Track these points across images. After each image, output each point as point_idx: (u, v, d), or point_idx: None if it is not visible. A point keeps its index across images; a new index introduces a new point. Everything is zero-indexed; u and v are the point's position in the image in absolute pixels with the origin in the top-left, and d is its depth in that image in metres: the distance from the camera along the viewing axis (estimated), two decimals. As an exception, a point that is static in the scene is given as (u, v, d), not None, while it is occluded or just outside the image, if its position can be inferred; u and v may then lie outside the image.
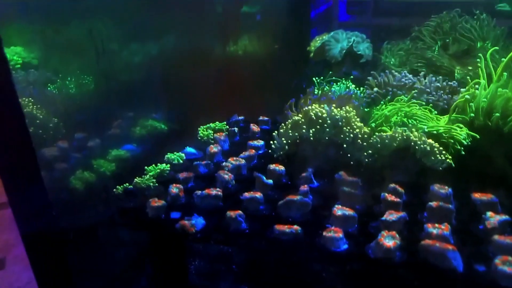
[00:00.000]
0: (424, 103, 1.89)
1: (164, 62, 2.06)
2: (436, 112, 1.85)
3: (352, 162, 1.66)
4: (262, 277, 1.26)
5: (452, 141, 1.62)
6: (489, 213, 1.35)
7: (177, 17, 2.05)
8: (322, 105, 1.74)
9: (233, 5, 2.51)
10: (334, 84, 2.22)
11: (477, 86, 1.73)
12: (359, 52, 2.72)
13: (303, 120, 1.72)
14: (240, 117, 2.15)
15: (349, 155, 1.67)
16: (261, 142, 1.85)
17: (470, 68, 2.47)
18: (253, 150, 1.77)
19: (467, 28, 2.50)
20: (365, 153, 1.64)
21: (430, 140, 1.63)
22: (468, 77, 2.15)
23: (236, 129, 1.99)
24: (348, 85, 2.17)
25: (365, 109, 1.94)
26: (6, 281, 1.92)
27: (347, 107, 1.75)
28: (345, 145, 1.67)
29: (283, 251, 1.27)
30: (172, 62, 2.08)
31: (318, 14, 3.51)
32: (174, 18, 2.03)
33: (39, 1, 1.52)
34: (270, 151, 1.75)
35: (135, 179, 1.56)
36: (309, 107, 1.73)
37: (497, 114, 1.61)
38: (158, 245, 1.39)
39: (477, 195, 1.46)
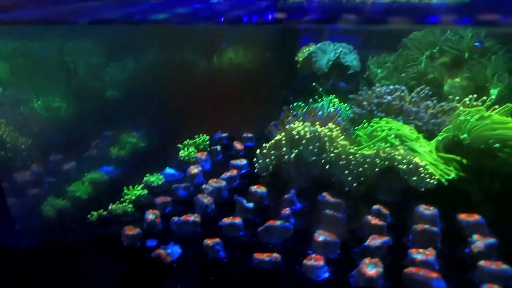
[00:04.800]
0: (412, 125, 1.87)
1: (144, 79, 2.03)
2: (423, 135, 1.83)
3: (336, 183, 1.64)
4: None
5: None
6: (475, 236, 1.33)
7: (158, 33, 2.03)
8: (305, 124, 1.72)
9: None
10: (319, 100, 2.21)
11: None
12: (347, 64, 2.72)
13: (285, 139, 1.69)
14: (224, 134, 2.12)
15: (333, 175, 1.65)
16: (243, 161, 1.82)
17: (458, 80, 2.48)
18: (235, 170, 1.75)
19: (454, 40, 2.51)
20: (349, 173, 1.62)
21: (416, 159, 1.62)
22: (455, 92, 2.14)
23: (218, 147, 1.96)
24: (332, 100, 2.17)
25: (351, 128, 1.93)
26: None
27: (331, 125, 1.73)
28: (328, 165, 1.64)
29: (263, 281, 1.24)
30: (152, 78, 2.06)
31: None
32: (155, 33, 2.02)
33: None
34: (254, 170, 1.72)
35: (111, 205, 1.52)
36: (292, 125, 1.71)
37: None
38: (132, 275, 1.35)
39: (463, 216, 1.44)
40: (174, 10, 1.85)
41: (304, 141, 1.66)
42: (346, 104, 2.13)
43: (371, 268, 1.19)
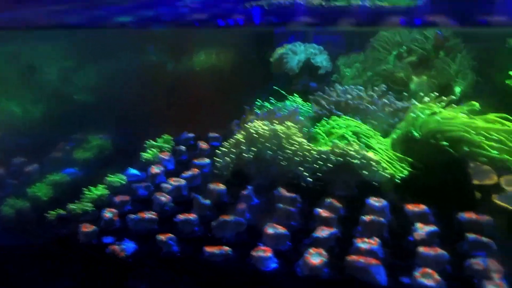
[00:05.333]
0: (370, 123, 1.94)
1: (111, 82, 2.07)
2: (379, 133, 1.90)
3: (294, 179, 1.70)
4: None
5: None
6: (418, 225, 1.40)
7: (121, 35, 2.07)
8: (264, 122, 1.78)
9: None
10: (286, 100, 2.27)
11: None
12: (317, 64, 2.79)
13: (244, 138, 1.75)
14: (190, 135, 2.17)
15: (291, 171, 1.70)
16: (206, 161, 1.87)
17: (424, 78, 2.56)
18: (197, 169, 1.79)
19: (420, 40, 2.59)
20: (306, 169, 1.68)
21: (369, 154, 1.68)
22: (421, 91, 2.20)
23: (183, 147, 2.00)
24: (295, 100, 2.23)
25: (311, 125, 1.99)
26: None
27: (289, 123, 1.79)
28: (286, 162, 1.70)
29: (213, 273, 1.29)
30: (119, 81, 2.10)
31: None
32: (118, 36, 2.06)
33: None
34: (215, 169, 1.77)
35: (70, 205, 1.55)
36: (251, 124, 1.77)
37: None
38: (87, 270, 1.38)
39: (409, 207, 1.50)
40: (140, 12, 1.90)
41: (262, 139, 1.72)
42: (308, 104, 2.19)
43: (315, 258, 1.25)
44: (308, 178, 1.66)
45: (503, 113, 1.66)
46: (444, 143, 1.65)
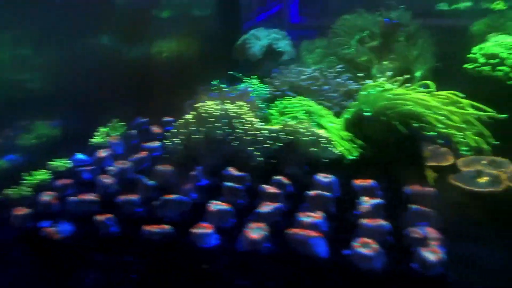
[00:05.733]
0: (323, 103, 1.93)
1: (59, 66, 1.99)
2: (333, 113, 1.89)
3: (245, 158, 1.67)
4: (127, 278, 1.22)
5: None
6: (364, 198, 1.39)
7: (74, 15, 1.99)
8: (215, 102, 1.75)
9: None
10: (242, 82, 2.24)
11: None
12: (279, 49, 2.77)
13: (194, 118, 1.71)
14: (144, 119, 2.12)
15: (242, 151, 1.68)
16: (156, 144, 1.82)
17: (386, 62, 2.57)
18: (145, 152, 1.75)
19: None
20: (257, 148, 1.66)
21: (318, 131, 1.68)
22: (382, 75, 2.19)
23: (135, 131, 1.95)
24: (253, 82, 2.20)
25: (265, 106, 1.97)
26: None
27: (240, 103, 1.76)
28: (237, 141, 1.67)
29: (152, 251, 1.25)
30: (68, 64, 2.02)
31: (269, 16, 3.57)
32: (71, 15, 1.98)
33: None
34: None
35: (6, 190, 1.48)
36: (201, 104, 1.73)
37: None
38: (21, 253, 1.33)
39: (357, 182, 1.50)
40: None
41: (212, 119, 1.68)
42: (265, 86, 2.17)
43: (255, 232, 1.22)
44: (259, 158, 1.64)
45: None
46: (395, 120, 1.66)
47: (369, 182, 1.48)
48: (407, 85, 1.83)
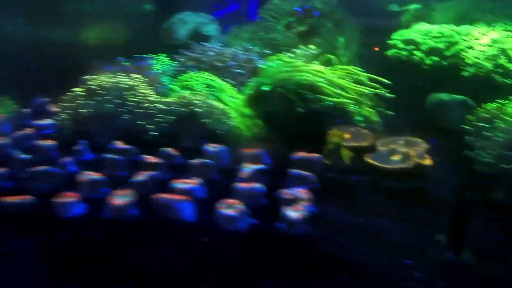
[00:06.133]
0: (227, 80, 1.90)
1: None
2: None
3: (138, 132, 1.61)
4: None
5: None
6: (246, 164, 1.37)
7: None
8: (108, 75, 1.68)
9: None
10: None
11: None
12: (206, 33, 2.73)
13: (83, 91, 1.63)
14: (44, 99, 2.00)
15: (136, 124, 1.62)
16: (48, 121, 1.73)
17: (312, 47, 2.58)
18: (31, 130, 1.65)
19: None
20: (150, 121, 1.60)
21: (214, 103, 1.65)
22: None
23: (28, 110, 1.84)
24: (161, 59, 2.14)
25: (170, 81, 1.92)
26: None
27: (135, 75, 1.70)
28: (130, 115, 1.61)
29: (13, 222, 1.17)
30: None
31: (229, 13, 3.52)
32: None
33: None
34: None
35: None
36: (91, 77, 1.66)
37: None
38: None
39: (245, 150, 1.48)
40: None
41: (103, 92, 1.61)
42: (174, 62, 2.12)
43: (119, 199, 1.17)
44: (153, 131, 1.59)
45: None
46: (292, 92, 1.67)
47: (255, 150, 1.47)
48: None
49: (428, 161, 1.42)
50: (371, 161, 1.47)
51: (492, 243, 1.16)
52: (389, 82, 1.74)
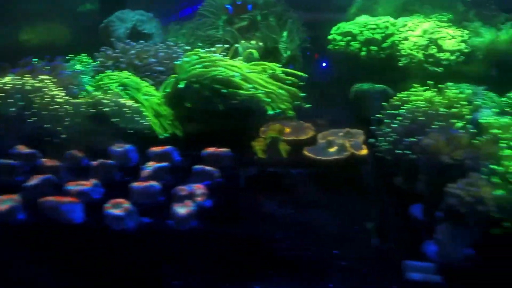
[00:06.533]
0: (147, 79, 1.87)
1: None
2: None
3: (46, 135, 1.56)
4: None
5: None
6: (149, 163, 1.36)
7: None
8: (13, 77, 1.62)
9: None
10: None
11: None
12: (145, 31, 2.67)
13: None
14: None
15: (42, 128, 1.57)
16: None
17: (252, 42, 2.57)
18: None
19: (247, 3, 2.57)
20: (58, 123, 1.56)
21: (128, 102, 1.62)
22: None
23: None
24: (83, 59, 2.09)
25: (89, 81, 1.88)
26: None
27: (44, 77, 1.65)
28: (35, 118, 1.56)
29: None
30: None
31: (188, 15, 3.46)
32: None
33: None
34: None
35: None
36: (-7, 80, 1.59)
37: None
38: None
39: (154, 149, 1.46)
40: None
41: (3, 94, 1.55)
42: (95, 62, 2.07)
43: (3, 204, 1.13)
44: (61, 134, 1.54)
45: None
46: (207, 87, 1.66)
47: (162, 148, 1.45)
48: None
49: (364, 151, 1.44)
50: (307, 153, 1.48)
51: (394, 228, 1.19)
52: (305, 75, 1.76)
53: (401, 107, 1.45)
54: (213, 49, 1.88)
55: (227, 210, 1.23)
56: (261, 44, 2.54)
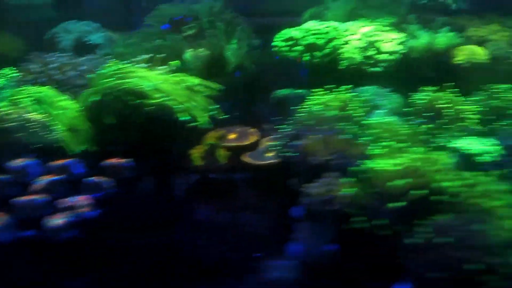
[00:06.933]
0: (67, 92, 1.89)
1: None
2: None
3: None
4: None
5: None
6: (41, 177, 1.38)
7: None
8: None
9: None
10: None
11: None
12: (91, 42, 2.68)
13: None
14: None
15: None
16: None
17: (200, 50, 2.59)
18: None
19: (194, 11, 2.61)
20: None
21: (38, 117, 1.63)
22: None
23: None
24: (7, 73, 2.10)
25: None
26: None
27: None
28: None
29: None
30: None
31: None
32: None
33: None
34: None
35: None
36: None
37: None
38: None
39: (55, 162, 1.47)
40: None
41: None
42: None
43: None
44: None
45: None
46: (119, 99, 1.68)
47: (64, 161, 1.47)
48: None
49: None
50: (245, 159, 1.51)
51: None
52: (220, 86, 1.81)
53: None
54: (140, 58, 1.91)
55: (117, 219, 1.25)
56: (208, 52, 2.57)
